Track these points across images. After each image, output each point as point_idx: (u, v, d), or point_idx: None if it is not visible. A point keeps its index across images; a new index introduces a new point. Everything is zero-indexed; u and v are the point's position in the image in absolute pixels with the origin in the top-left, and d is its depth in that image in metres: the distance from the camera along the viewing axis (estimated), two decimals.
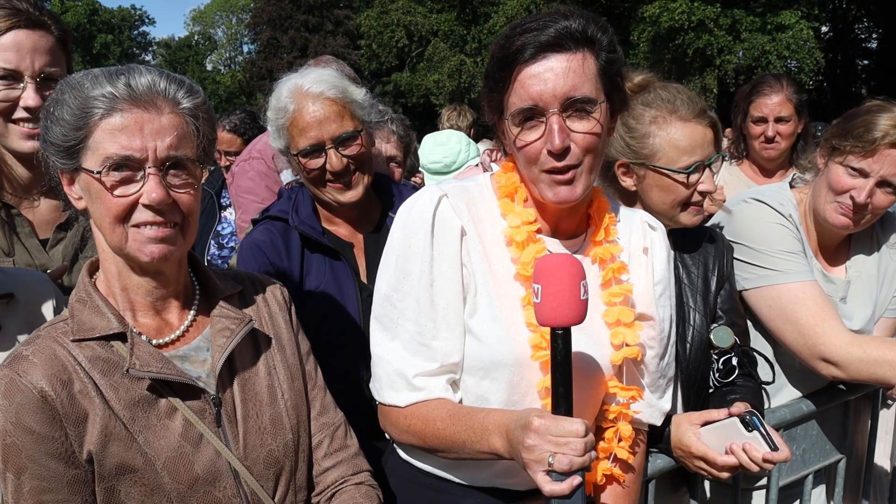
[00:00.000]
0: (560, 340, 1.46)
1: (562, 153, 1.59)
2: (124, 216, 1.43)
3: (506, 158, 1.80)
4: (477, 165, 4.48)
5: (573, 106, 1.58)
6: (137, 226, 1.43)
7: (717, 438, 1.98)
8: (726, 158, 3.93)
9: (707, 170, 2.12)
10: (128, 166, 1.41)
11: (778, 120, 3.69)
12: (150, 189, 1.41)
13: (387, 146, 3.17)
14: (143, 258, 1.45)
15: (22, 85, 1.96)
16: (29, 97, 1.96)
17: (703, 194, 2.13)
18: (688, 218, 2.16)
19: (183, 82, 1.49)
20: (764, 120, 3.71)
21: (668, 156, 2.11)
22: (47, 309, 1.79)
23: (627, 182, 2.19)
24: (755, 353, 2.36)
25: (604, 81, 1.62)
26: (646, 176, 2.15)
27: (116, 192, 1.41)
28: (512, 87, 1.61)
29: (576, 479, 1.41)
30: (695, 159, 2.10)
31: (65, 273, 2.04)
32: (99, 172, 1.40)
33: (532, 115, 1.60)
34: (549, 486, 1.41)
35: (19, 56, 1.94)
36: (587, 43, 1.59)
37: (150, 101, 1.42)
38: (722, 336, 2.23)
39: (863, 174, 2.31)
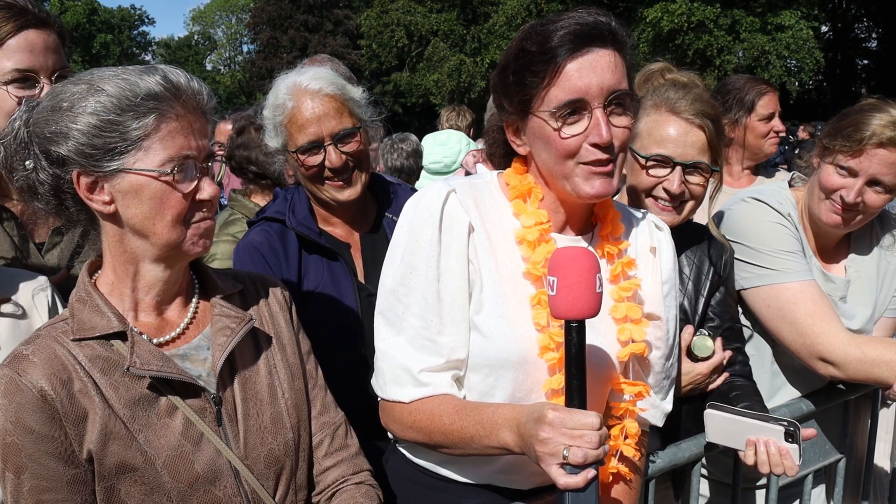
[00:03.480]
0: (575, 333, 1.46)
1: (608, 146, 1.60)
2: (186, 215, 1.46)
3: (514, 159, 1.79)
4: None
5: (615, 100, 1.59)
6: (197, 222, 1.48)
7: (739, 429, 2.00)
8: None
9: (677, 169, 2.11)
10: (185, 166, 1.44)
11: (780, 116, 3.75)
12: (206, 185, 1.48)
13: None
14: (196, 250, 1.50)
15: (39, 86, 1.95)
16: None
17: (669, 193, 2.12)
18: (652, 209, 2.16)
19: (203, 83, 1.52)
20: (773, 116, 3.75)
21: (641, 141, 2.15)
22: (42, 313, 1.77)
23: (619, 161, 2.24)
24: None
25: (628, 80, 1.64)
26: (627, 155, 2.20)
27: (185, 191, 1.44)
28: (556, 80, 1.58)
29: (590, 472, 1.41)
30: (660, 151, 2.11)
31: (63, 280, 2.02)
32: (170, 173, 1.41)
33: (576, 108, 1.59)
34: (563, 479, 1.41)
35: (33, 56, 1.92)
36: (619, 42, 1.61)
37: (191, 101, 1.46)
38: (701, 346, 2.21)
39: (851, 173, 2.31)
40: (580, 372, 1.47)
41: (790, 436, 1.91)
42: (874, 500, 2.93)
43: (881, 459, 2.98)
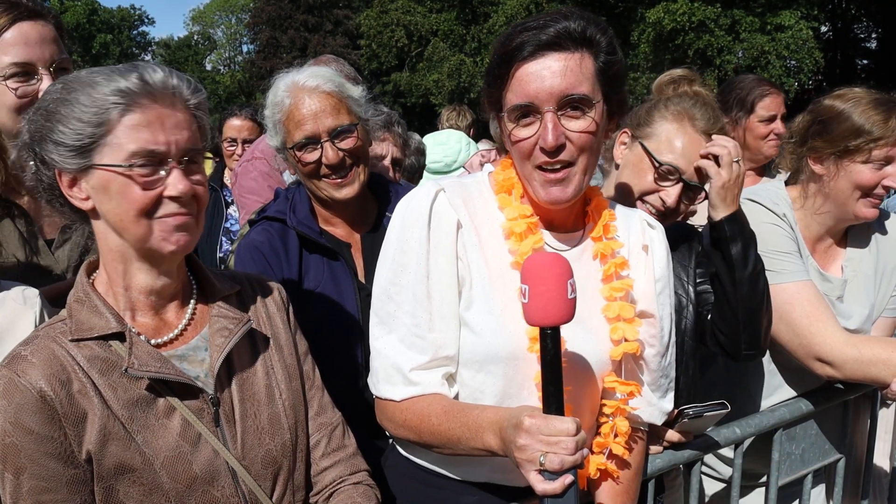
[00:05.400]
0: (549, 340, 1.47)
1: (555, 151, 1.61)
2: (150, 209, 1.44)
3: (503, 156, 1.81)
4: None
5: (569, 104, 1.60)
6: (163, 217, 1.46)
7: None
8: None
9: (680, 185, 2.13)
10: (151, 161, 1.42)
11: (781, 118, 3.74)
12: (175, 181, 1.44)
13: (394, 149, 3.18)
14: (169, 247, 1.47)
15: (37, 77, 1.94)
16: None
17: (664, 204, 2.14)
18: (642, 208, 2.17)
19: (189, 80, 1.51)
20: (774, 118, 3.74)
21: (659, 144, 2.16)
22: (27, 324, 1.75)
23: (617, 151, 2.25)
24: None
25: (602, 82, 1.64)
26: (632, 149, 2.21)
27: (147, 186, 1.43)
28: (509, 84, 1.63)
29: (568, 478, 1.42)
30: (676, 164, 2.13)
31: (69, 288, 2.01)
32: (129, 167, 1.41)
33: (528, 111, 1.62)
34: (541, 485, 1.42)
35: (29, 49, 1.92)
36: (586, 43, 1.61)
37: (165, 96, 1.45)
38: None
39: (889, 161, 2.34)
40: (556, 377, 1.47)
41: (692, 417, 2.03)
42: (873, 499, 2.93)
43: (880, 459, 2.98)
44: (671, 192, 2.13)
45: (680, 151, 2.13)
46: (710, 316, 2.24)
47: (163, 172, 1.44)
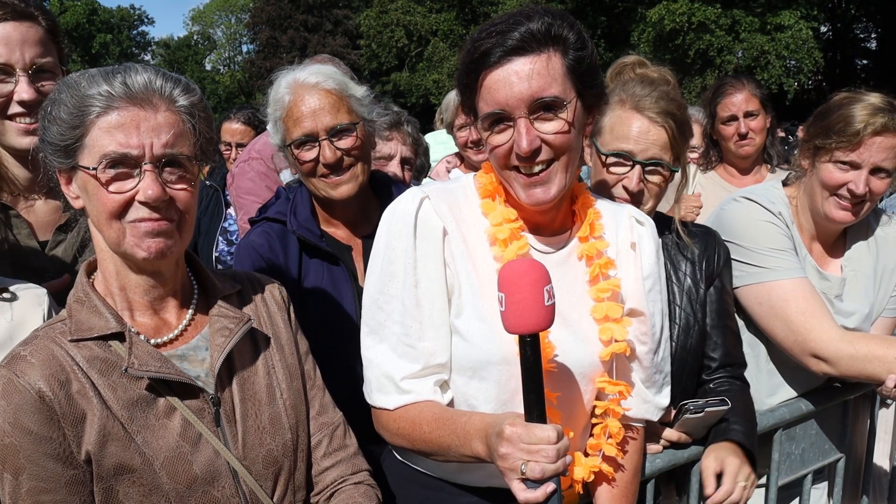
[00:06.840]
0: (528, 347, 1.45)
1: (531, 156, 1.60)
2: (120, 212, 1.43)
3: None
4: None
5: (541, 107, 1.58)
6: (134, 222, 1.43)
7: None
8: (697, 168, 3.97)
9: (636, 168, 2.09)
10: (124, 163, 1.41)
11: (747, 115, 3.73)
12: (146, 186, 1.42)
13: (403, 147, 3.17)
14: (141, 253, 1.45)
15: (14, 79, 1.94)
16: (22, 90, 1.94)
17: (627, 192, 2.10)
18: None
19: (179, 80, 1.49)
20: (734, 118, 3.74)
21: (604, 136, 2.14)
22: (36, 322, 1.74)
23: (585, 157, 2.23)
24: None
25: (573, 79, 1.61)
26: (591, 151, 2.20)
27: (112, 189, 1.42)
28: (480, 93, 1.62)
29: (549, 486, 1.41)
30: (621, 147, 2.09)
31: (65, 285, 2.01)
32: (95, 169, 1.40)
33: (500, 118, 1.61)
34: (522, 493, 1.42)
35: (8, 49, 1.92)
36: (552, 42, 1.58)
37: (146, 98, 1.43)
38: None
39: (854, 166, 2.33)
40: (538, 385, 1.46)
41: (694, 412, 2.04)
42: (873, 499, 2.93)
43: (880, 459, 2.98)
44: (631, 177, 2.10)
45: (624, 136, 2.10)
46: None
47: (136, 176, 1.42)
